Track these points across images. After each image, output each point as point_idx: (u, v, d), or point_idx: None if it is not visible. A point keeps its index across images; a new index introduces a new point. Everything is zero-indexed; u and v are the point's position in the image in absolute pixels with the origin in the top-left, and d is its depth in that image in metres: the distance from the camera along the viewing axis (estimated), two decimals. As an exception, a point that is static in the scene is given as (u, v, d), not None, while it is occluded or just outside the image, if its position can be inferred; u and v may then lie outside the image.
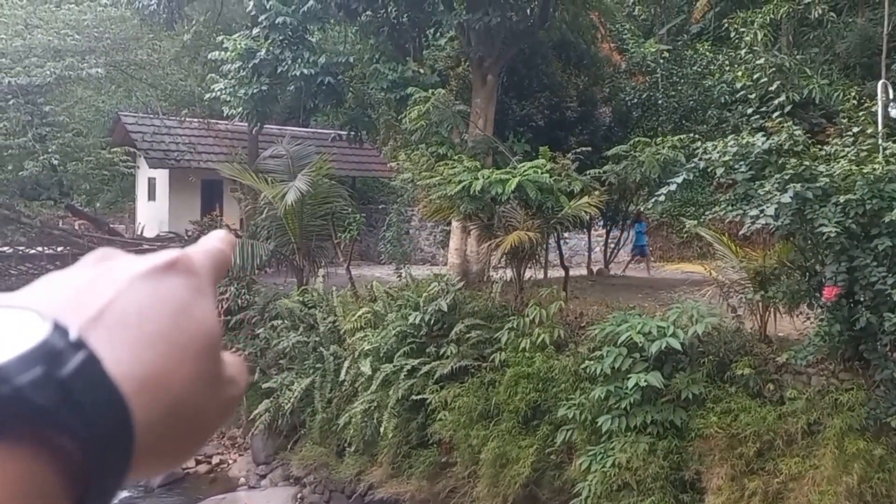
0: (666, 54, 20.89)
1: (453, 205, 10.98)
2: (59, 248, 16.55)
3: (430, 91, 12.89)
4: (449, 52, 19.05)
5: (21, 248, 15.94)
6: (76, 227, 19.20)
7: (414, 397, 10.70)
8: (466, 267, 14.39)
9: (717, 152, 8.54)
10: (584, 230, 15.38)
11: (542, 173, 10.31)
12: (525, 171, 10.33)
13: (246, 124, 18.92)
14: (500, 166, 12.52)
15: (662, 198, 9.08)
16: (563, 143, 15.55)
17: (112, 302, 0.46)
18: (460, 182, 10.27)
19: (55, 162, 16.25)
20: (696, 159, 8.97)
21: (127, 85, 21.17)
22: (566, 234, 13.49)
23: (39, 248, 16.29)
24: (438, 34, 18.19)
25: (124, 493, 12.52)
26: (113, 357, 0.43)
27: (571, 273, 13.00)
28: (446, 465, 10.47)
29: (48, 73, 16.04)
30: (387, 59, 14.88)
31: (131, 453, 0.43)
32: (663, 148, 11.67)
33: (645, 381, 8.41)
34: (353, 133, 19.04)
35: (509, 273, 12.01)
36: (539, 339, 10.05)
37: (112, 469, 0.42)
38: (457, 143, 13.72)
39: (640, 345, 8.59)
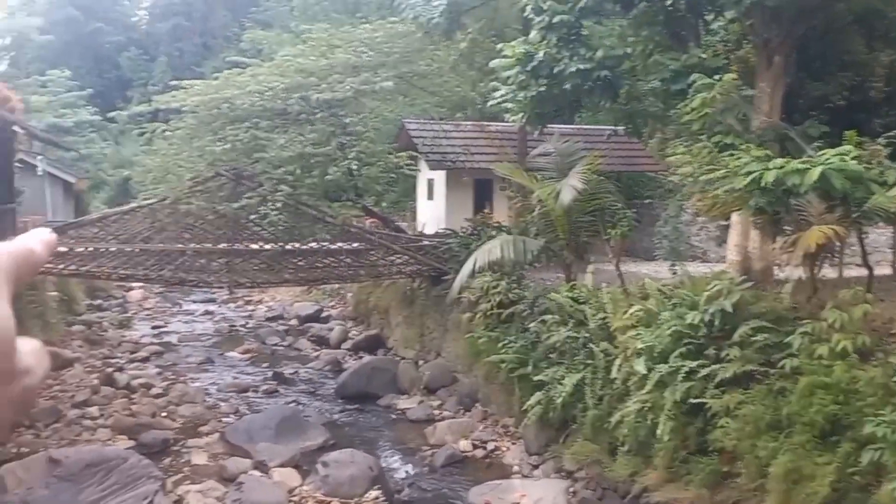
0: None
1: (740, 199, 10.23)
2: (355, 244, 18.51)
3: (715, 77, 12.13)
4: (723, 37, 17.84)
5: (325, 244, 18.11)
6: (368, 225, 21.35)
7: (692, 401, 10.21)
8: (748, 265, 13.41)
9: None
10: (888, 224, 13.45)
11: (849, 161, 9.18)
12: (828, 159, 9.28)
13: (514, 124, 19.55)
14: (789, 154, 11.45)
15: None
16: (865, 126, 13.76)
17: None
18: (749, 174, 9.54)
19: (353, 167, 18.27)
20: None
21: (410, 94, 23.02)
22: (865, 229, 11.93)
23: (340, 244, 18.38)
24: (717, 19, 17.15)
25: (411, 470, 13.65)
26: None
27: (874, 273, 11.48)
28: (728, 474, 9.84)
29: (347, 87, 17.98)
30: (662, 50, 14.36)
31: None
32: None
33: (984, 401, 7.17)
34: (629, 127, 18.80)
35: (795, 272, 10.95)
36: (839, 346, 9.03)
37: None
38: (740, 130, 12.80)
39: (977, 358, 7.34)
